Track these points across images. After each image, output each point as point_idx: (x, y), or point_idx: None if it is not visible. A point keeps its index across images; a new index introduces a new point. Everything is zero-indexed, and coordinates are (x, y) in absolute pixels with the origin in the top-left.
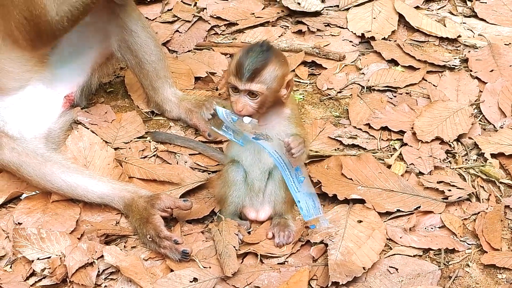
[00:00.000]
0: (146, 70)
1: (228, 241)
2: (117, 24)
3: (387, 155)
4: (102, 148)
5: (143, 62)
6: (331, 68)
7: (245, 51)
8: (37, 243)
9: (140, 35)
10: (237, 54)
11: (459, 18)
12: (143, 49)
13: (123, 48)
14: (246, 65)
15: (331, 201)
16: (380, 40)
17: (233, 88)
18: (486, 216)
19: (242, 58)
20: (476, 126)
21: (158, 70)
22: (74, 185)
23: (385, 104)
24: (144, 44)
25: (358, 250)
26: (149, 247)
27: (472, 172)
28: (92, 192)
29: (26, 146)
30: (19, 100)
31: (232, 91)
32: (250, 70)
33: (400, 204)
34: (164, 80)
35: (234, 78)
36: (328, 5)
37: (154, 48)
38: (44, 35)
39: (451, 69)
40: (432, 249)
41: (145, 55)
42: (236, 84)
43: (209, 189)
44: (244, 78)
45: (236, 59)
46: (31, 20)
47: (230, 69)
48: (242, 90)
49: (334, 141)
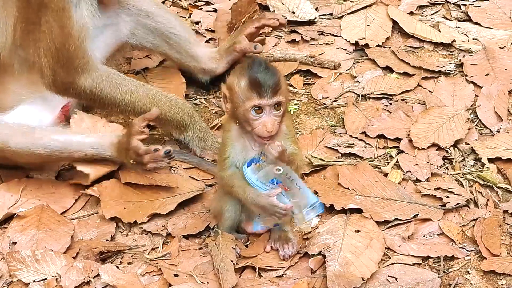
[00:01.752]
0: (176, 43)
1: (225, 255)
2: (129, 13)
3: (383, 163)
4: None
5: (170, 38)
6: (325, 77)
7: (252, 71)
8: (32, 265)
9: (158, 14)
10: (240, 78)
11: (453, 22)
12: (166, 25)
13: (141, 33)
14: (265, 81)
15: (328, 211)
16: (375, 47)
17: (257, 109)
18: (484, 222)
19: (255, 77)
20: (473, 131)
21: (188, 38)
22: (68, 141)
23: (380, 112)
24: (165, 20)
25: (357, 260)
26: (137, 171)
27: (470, 177)
28: (85, 143)
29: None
30: (14, 116)
31: (255, 113)
32: (272, 84)
33: (398, 212)
34: (197, 44)
35: (256, 98)
36: (322, 14)
37: (175, 20)
38: (71, 68)
39: (446, 74)
40: (431, 257)
41: (170, 29)
42: (261, 102)
43: (204, 204)
44: (268, 93)
45: (245, 81)
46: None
47: (242, 95)
48: (268, 106)
49: (331, 150)
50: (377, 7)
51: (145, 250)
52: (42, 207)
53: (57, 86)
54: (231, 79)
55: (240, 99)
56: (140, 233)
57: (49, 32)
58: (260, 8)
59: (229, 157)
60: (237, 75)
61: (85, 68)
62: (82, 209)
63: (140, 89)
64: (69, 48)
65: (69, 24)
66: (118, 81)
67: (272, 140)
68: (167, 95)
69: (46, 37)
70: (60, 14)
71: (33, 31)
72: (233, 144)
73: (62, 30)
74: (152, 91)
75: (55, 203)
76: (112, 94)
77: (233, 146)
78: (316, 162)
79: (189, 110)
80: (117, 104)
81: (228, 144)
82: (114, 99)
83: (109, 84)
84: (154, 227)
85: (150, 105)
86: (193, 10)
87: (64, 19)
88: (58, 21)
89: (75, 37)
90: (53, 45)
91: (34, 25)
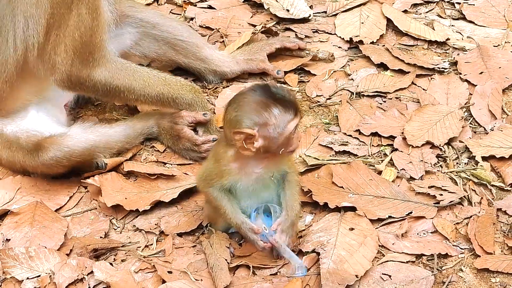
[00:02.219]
0: (183, 49)
1: (219, 254)
2: (134, 26)
3: (377, 161)
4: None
5: (176, 44)
6: (320, 74)
7: (275, 95)
8: (26, 262)
9: (164, 24)
10: (267, 109)
11: (447, 21)
12: (172, 33)
13: (146, 43)
14: (290, 99)
15: (322, 210)
16: (369, 44)
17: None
18: (478, 219)
19: (283, 99)
20: (467, 129)
21: (196, 42)
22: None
23: (374, 110)
24: (171, 29)
25: (351, 258)
26: (189, 157)
27: (464, 175)
28: (133, 126)
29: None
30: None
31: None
32: (293, 98)
33: (392, 210)
34: (206, 47)
35: (294, 117)
36: (316, 12)
37: (181, 26)
38: (89, 61)
39: (440, 72)
40: (425, 255)
41: (177, 36)
42: (295, 122)
43: (197, 202)
44: (296, 110)
45: (278, 108)
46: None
47: (281, 123)
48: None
49: (326, 148)
50: (371, 5)
51: (139, 247)
52: (36, 204)
53: (73, 81)
54: (256, 117)
55: (280, 127)
56: (133, 230)
57: (79, 25)
58: (254, 5)
59: (226, 184)
60: (258, 108)
61: (102, 60)
62: (76, 206)
63: (151, 74)
64: (95, 40)
65: (100, 17)
66: (132, 69)
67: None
68: (175, 77)
69: (74, 31)
70: (94, 6)
71: (58, 26)
72: (231, 175)
73: (93, 22)
74: (162, 74)
75: (49, 200)
76: (127, 82)
77: (232, 177)
78: (311, 161)
79: (197, 89)
80: (132, 91)
81: (226, 176)
82: (129, 86)
83: (124, 73)
84: (147, 225)
85: (163, 87)
86: (187, 6)
87: (97, 11)
88: (92, 13)
89: (101, 29)
90: (80, 38)
91: (62, 19)
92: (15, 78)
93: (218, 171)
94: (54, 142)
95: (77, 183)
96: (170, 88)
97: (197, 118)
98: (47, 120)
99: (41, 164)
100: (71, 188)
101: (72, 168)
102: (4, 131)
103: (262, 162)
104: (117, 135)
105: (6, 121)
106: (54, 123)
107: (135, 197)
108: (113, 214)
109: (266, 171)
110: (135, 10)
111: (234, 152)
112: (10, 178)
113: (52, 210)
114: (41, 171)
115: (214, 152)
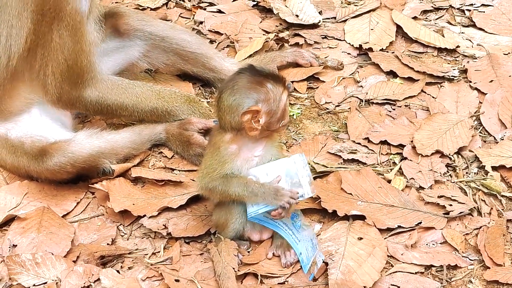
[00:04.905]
0: (192, 59)
1: (227, 262)
2: (143, 39)
3: (386, 170)
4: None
5: (185, 55)
6: (329, 81)
7: (262, 72)
8: (32, 268)
9: (173, 36)
10: (263, 85)
11: (457, 28)
12: (181, 44)
13: (154, 55)
14: (276, 75)
15: (330, 218)
16: (378, 52)
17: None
18: (488, 230)
19: (272, 74)
20: (477, 138)
21: (206, 52)
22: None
23: (384, 117)
24: (180, 41)
25: (359, 268)
26: (199, 163)
27: (473, 185)
28: (140, 132)
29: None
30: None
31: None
32: (280, 75)
33: (401, 219)
34: (216, 56)
35: (283, 91)
36: (326, 17)
37: (190, 38)
38: (78, 83)
39: (450, 80)
40: (434, 266)
41: (186, 48)
42: (286, 93)
43: (206, 206)
44: (284, 81)
45: (271, 83)
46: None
47: (277, 96)
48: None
49: (334, 156)
50: (381, 11)
51: (146, 254)
52: (43, 210)
53: (63, 102)
54: (256, 94)
55: (277, 100)
56: (141, 237)
57: (61, 48)
58: (263, 10)
59: (227, 172)
60: (254, 86)
61: (91, 81)
62: (83, 212)
63: (144, 89)
64: (81, 64)
65: (82, 39)
66: (123, 86)
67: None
68: (170, 89)
69: (58, 53)
70: (76, 28)
71: (42, 45)
72: (232, 160)
73: (75, 45)
74: (156, 88)
75: (56, 205)
76: (118, 100)
77: (233, 162)
78: (319, 168)
79: (193, 98)
80: (124, 109)
81: (228, 161)
82: (121, 104)
83: (115, 91)
84: (155, 225)
85: (157, 101)
86: (196, 10)
87: (78, 34)
88: (73, 36)
89: (86, 52)
90: (65, 62)
91: (45, 39)
92: (7, 82)
93: (218, 159)
94: (58, 147)
95: (84, 188)
96: (164, 101)
97: (207, 125)
98: (51, 124)
99: (45, 169)
100: (79, 194)
101: (77, 174)
102: (9, 136)
103: (261, 143)
104: (124, 141)
105: (10, 125)
106: (58, 127)
107: (143, 203)
108: (120, 220)
109: (266, 153)
110: (144, 24)
111: (231, 135)
112: (18, 183)
113: (59, 215)
114: (45, 177)
115: (211, 144)
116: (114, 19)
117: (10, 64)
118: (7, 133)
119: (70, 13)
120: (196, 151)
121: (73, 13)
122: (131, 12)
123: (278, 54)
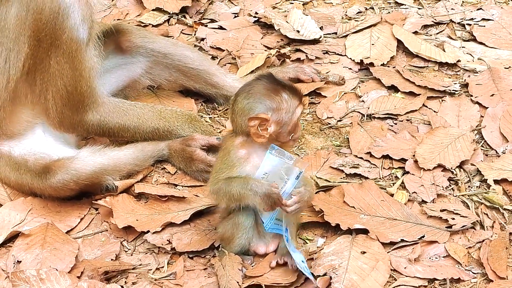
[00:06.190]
0: (194, 76)
1: (231, 276)
2: (146, 55)
3: (389, 184)
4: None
5: (188, 72)
6: (330, 96)
7: (281, 82)
8: (37, 284)
9: (176, 53)
10: (277, 94)
11: (458, 42)
12: (183, 61)
13: (157, 71)
14: (295, 87)
15: (333, 232)
16: (379, 66)
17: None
18: (491, 244)
19: (289, 85)
20: (478, 152)
21: (208, 68)
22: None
23: (385, 132)
24: (182, 57)
25: (362, 282)
26: (202, 179)
27: (476, 199)
28: (143, 148)
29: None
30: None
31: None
32: (298, 88)
33: (404, 233)
34: (218, 73)
35: (298, 105)
36: (327, 33)
37: (192, 53)
38: (79, 108)
39: (451, 94)
40: (437, 279)
41: (188, 64)
42: (301, 107)
43: (210, 220)
44: (301, 96)
45: (286, 93)
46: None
47: (291, 107)
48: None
49: (336, 170)
50: (381, 26)
51: (150, 269)
52: (47, 226)
53: (65, 126)
54: (269, 102)
55: (290, 112)
56: (144, 252)
57: (60, 74)
58: (264, 26)
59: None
60: (269, 93)
61: (92, 105)
62: (87, 228)
63: (146, 109)
64: (81, 89)
65: (81, 66)
66: (124, 108)
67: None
68: (171, 108)
69: (57, 79)
70: (73, 55)
71: (41, 70)
72: (241, 164)
73: (74, 72)
74: (157, 107)
75: (60, 221)
76: (120, 122)
77: (242, 167)
78: (322, 183)
79: (194, 117)
80: (126, 130)
81: (237, 165)
82: (122, 126)
83: (117, 114)
84: (158, 240)
85: (158, 122)
86: (198, 27)
87: (76, 61)
88: (70, 63)
89: (86, 78)
90: (65, 88)
91: (43, 64)
92: (7, 104)
93: (228, 162)
94: (62, 165)
95: (88, 204)
96: (165, 121)
97: (210, 142)
98: (54, 142)
99: (48, 186)
100: (82, 210)
101: (81, 191)
102: (12, 153)
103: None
104: (127, 158)
105: (13, 142)
106: (61, 145)
107: (146, 219)
108: (124, 236)
109: None
110: (147, 41)
111: (241, 140)
112: (21, 199)
113: (63, 231)
114: (49, 194)
115: (222, 148)
116: (116, 36)
117: (9, 86)
118: (11, 151)
119: (66, 41)
120: (198, 167)
121: (69, 41)
122: (134, 29)
123: (280, 70)
